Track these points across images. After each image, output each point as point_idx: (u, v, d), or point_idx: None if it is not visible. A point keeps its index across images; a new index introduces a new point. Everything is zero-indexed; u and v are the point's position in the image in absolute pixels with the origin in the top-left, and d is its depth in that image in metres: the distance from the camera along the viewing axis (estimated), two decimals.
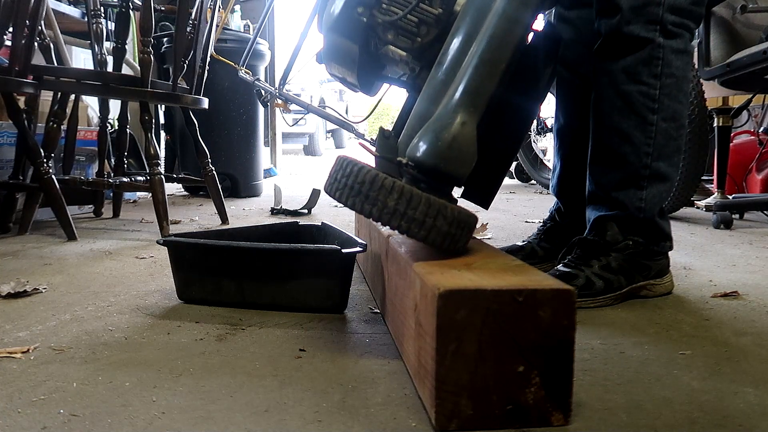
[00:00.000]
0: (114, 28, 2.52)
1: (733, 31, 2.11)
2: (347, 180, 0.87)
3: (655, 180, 1.23)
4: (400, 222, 0.83)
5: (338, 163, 0.91)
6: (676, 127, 1.23)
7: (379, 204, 0.83)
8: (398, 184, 0.83)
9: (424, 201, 0.83)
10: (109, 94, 2.15)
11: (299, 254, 1.14)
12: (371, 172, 0.85)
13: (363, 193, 0.84)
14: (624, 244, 1.24)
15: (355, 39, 1.06)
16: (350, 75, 1.15)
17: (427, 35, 1.05)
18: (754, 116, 3.44)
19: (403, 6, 1.05)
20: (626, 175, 1.23)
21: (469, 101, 0.88)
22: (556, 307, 0.69)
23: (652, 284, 1.27)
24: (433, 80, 0.98)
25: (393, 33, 1.06)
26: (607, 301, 1.21)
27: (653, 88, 1.19)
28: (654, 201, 1.24)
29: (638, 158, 1.22)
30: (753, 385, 0.82)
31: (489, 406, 0.68)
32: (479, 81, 0.89)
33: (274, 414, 0.73)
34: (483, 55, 0.90)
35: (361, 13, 1.04)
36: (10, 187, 2.04)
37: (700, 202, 2.54)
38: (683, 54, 1.21)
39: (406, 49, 1.06)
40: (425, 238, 0.83)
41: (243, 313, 1.13)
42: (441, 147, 0.87)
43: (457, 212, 0.85)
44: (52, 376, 0.83)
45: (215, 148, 2.88)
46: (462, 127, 0.87)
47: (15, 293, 1.23)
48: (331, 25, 1.07)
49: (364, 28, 1.05)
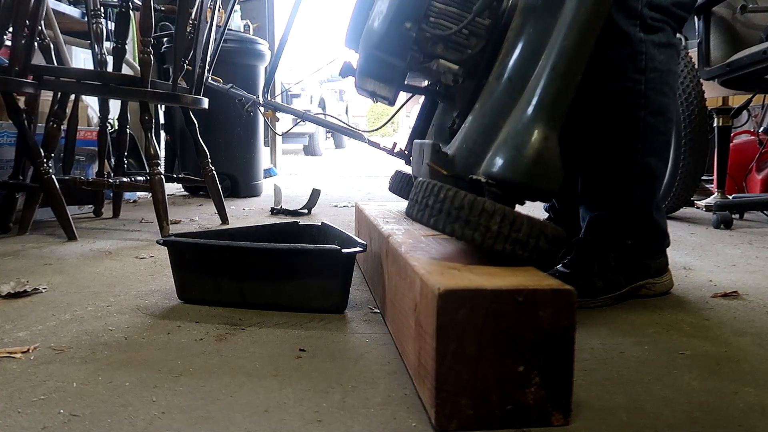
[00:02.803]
0: (114, 28, 2.52)
1: (733, 31, 2.11)
2: (442, 205, 0.84)
3: (647, 177, 1.22)
4: (505, 245, 0.80)
5: (425, 187, 0.87)
6: (664, 121, 1.22)
7: (481, 228, 0.81)
8: (499, 207, 0.81)
9: (527, 222, 0.81)
10: (109, 94, 2.15)
11: (299, 254, 1.14)
12: (468, 196, 0.82)
13: (462, 219, 0.82)
14: (623, 243, 1.24)
15: (404, 57, 1.04)
16: (387, 90, 1.13)
17: (477, 46, 1.03)
18: (754, 116, 3.44)
19: (453, 19, 1.03)
20: (618, 173, 1.23)
21: (548, 115, 0.86)
22: (556, 307, 0.69)
23: (652, 283, 1.27)
24: (494, 93, 0.96)
25: (442, 46, 1.03)
26: (606, 301, 1.21)
27: (638, 84, 1.18)
28: (648, 198, 1.23)
29: (628, 155, 1.21)
30: (753, 385, 0.82)
31: (489, 406, 0.68)
32: (556, 94, 0.87)
33: (274, 414, 0.73)
34: (558, 67, 0.87)
35: (410, 28, 1.01)
36: (10, 187, 2.04)
37: (700, 202, 2.54)
38: (666, 47, 1.20)
39: (457, 62, 1.04)
40: (528, 259, 0.81)
41: (243, 313, 1.13)
42: (527, 163, 0.85)
43: (555, 229, 0.84)
44: (52, 376, 0.83)
45: (215, 148, 2.87)
46: (546, 141, 0.85)
47: (15, 293, 1.23)
48: (377, 42, 1.04)
49: (412, 43, 1.02)
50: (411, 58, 1.07)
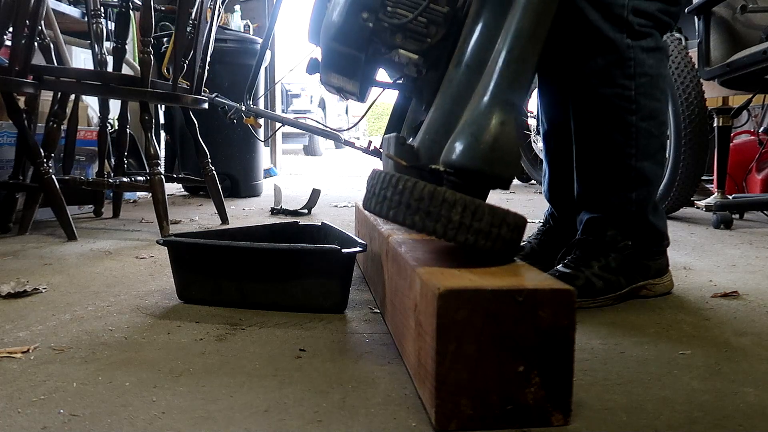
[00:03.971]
0: (114, 28, 2.52)
1: (733, 31, 2.11)
2: (401, 197, 0.81)
3: (642, 181, 1.22)
4: (467, 236, 0.78)
5: (382, 177, 0.84)
6: (657, 125, 1.22)
7: (442, 219, 0.78)
8: (460, 197, 0.79)
9: (488, 211, 0.79)
10: (109, 94, 2.15)
11: (299, 254, 1.14)
12: (428, 186, 0.79)
13: (423, 210, 0.79)
14: (623, 244, 1.23)
15: (362, 47, 1.02)
16: (351, 84, 1.11)
17: (436, 35, 1.02)
18: (754, 116, 3.44)
19: (410, 7, 1.01)
20: (612, 179, 1.23)
21: (505, 100, 0.85)
22: (556, 308, 0.69)
23: (652, 284, 1.27)
24: (453, 81, 0.95)
25: (401, 36, 1.02)
26: (606, 302, 1.21)
27: (628, 90, 1.18)
28: (643, 202, 1.23)
29: (622, 161, 1.21)
30: (753, 385, 0.82)
31: (489, 406, 0.68)
32: (512, 78, 0.85)
33: (274, 414, 0.73)
34: (513, 51, 0.85)
35: (366, 19, 1.00)
36: (10, 187, 2.04)
37: (700, 202, 2.54)
38: (655, 51, 1.20)
39: (417, 51, 1.03)
40: (492, 249, 0.79)
41: (243, 313, 1.13)
42: (483, 149, 0.83)
43: (516, 216, 0.82)
44: (52, 376, 0.83)
45: (215, 148, 2.87)
46: (502, 126, 0.83)
47: (15, 293, 1.23)
48: (334, 34, 1.02)
49: (370, 34, 1.01)
50: (373, 50, 1.05)
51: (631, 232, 1.24)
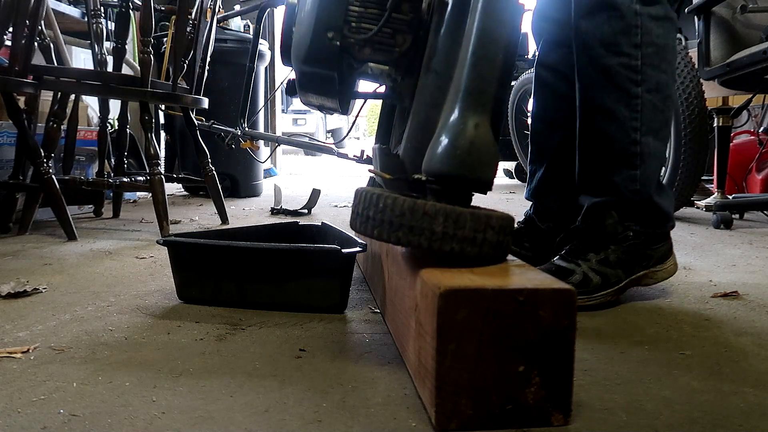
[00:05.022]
0: (114, 28, 2.52)
1: (733, 31, 2.11)
2: (383, 215, 0.81)
3: (647, 156, 1.17)
4: (453, 245, 0.78)
5: (364, 197, 0.85)
6: (662, 98, 1.17)
7: (426, 232, 0.78)
8: (440, 207, 0.79)
9: (470, 217, 0.79)
10: (109, 94, 2.15)
11: (299, 254, 1.14)
12: (407, 201, 0.80)
13: (405, 225, 0.79)
14: (624, 235, 1.20)
15: (332, 66, 1.02)
16: (330, 101, 1.11)
17: (405, 43, 1.02)
18: (754, 116, 3.44)
19: (373, 20, 1.01)
20: (616, 154, 1.18)
21: (476, 102, 0.84)
22: (557, 307, 0.69)
23: (654, 271, 1.23)
24: (426, 87, 0.95)
25: (369, 49, 1.03)
26: (605, 298, 1.18)
27: (634, 59, 1.14)
28: (649, 180, 1.19)
29: (626, 135, 1.17)
30: (753, 385, 0.82)
31: (489, 406, 0.68)
32: (480, 79, 0.85)
33: (274, 414, 0.73)
34: (477, 52, 0.85)
35: (333, 38, 1.01)
36: (10, 187, 2.04)
37: (700, 202, 2.54)
38: (664, 20, 1.15)
39: (387, 62, 1.03)
40: (479, 254, 0.79)
41: (243, 313, 1.13)
42: (461, 155, 0.82)
43: (500, 218, 0.81)
44: (52, 376, 0.83)
45: (215, 148, 2.88)
46: (476, 129, 0.83)
47: (15, 293, 1.23)
48: (303, 57, 1.03)
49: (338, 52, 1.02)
50: (345, 65, 1.06)
51: (634, 214, 1.20)
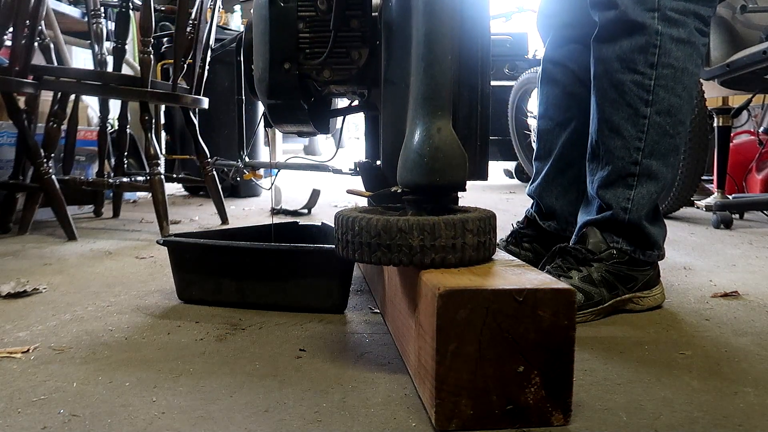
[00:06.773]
0: (114, 28, 2.52)
1: (733, 31, 2.11)
2: (360, 238, 0.81)
3: (646, 179, 1.14)
4: (433, 256, 0.78)
5: (341, 222, 0.85)
6: (673, 123, 1.13)
7: (404, 249, 0.78)
8: (413, 221, 0.78)
9: (444, 225, 0.78)
10: (109, 94, 2.16)
11: (299, 254, 1.14)
12: (381, 220, 0.79)
13: (383, 245, 0.79)
14: (607, 253, 1.15)
15: (296, 95, 1.02)
16: (305, 126, 1.12)
17: (361, 58, 1.02)
18: (754, 116, 3.44)
19: (325, 43, 1.01)
20: (614, 171, 1.15)
21: (433, 106, 0.83)
22: (556, 307, 0.69)
23: (639, 297, 1.18)
24: (387, 99, 0.95)
25: (328, 71, 1.03)
26: (587, 317, 1.12)
27: (648, 78, 1.11)
28: (642, 202, 1.14)
29: (628, 153, 1.13)
30: (753, 385, 0.82)
31: (489, 406, 0.68)
32: (433, 83, 0.84)
33: (274, 414, 0.73)
34: (426, 57, 0.84)
35: (290, 68, 1.01)
36: (10, 187, 2.04)
37: (700, 202, 2.54)
38: (685, 44, 1.12)
39: (349, 80, 1.03)
40: (461, 260, 0.79)
41: (243, 313, 1.13)
42: (429, 162, 0.82)
43: (477, 220, 0.80)
44: (52, 376, 0.83)
45: (215, 147, 2.87)
46: (440, 133, 0.83)
47: (15, 293, 1.23)
48: (266, 91, 1.03)
49: (298, 80, 1.02)
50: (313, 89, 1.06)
51: (620, 232, 1.16)
